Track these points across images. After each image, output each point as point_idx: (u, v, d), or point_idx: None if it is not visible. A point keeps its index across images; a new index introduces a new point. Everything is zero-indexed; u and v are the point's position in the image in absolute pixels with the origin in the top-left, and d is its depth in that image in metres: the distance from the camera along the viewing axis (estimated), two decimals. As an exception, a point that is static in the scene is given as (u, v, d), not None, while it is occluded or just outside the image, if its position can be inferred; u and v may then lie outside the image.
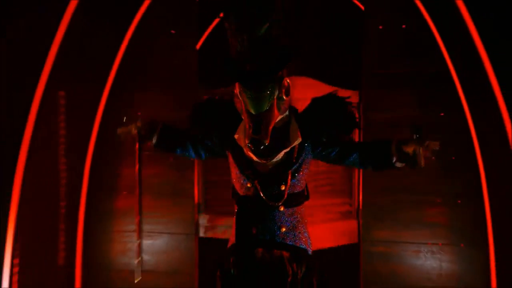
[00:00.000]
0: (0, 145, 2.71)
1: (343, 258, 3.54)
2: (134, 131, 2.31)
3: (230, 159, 2.27)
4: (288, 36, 2.03)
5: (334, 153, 2.21)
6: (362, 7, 3.50)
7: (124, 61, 3.42)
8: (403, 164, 2.03)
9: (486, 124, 3.09)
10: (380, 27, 3.37)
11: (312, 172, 2.36)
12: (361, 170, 3.59)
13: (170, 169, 3.46)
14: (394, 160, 2.04)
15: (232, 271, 2.24)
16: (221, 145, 2.28)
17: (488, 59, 2.79)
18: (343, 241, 3.45)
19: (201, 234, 3.53)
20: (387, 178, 3.43)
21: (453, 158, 3.27)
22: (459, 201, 3.28)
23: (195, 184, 3.60)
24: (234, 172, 2.27)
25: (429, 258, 3.33)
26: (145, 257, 3.49)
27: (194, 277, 3.47)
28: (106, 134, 3.51)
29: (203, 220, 3.53)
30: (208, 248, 3.51)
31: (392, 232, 3.37)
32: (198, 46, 3.68)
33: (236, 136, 2.16)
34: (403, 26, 3.27)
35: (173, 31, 3.50)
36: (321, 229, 3.43)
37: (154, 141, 2.29)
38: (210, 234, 3.54)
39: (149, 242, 3.51)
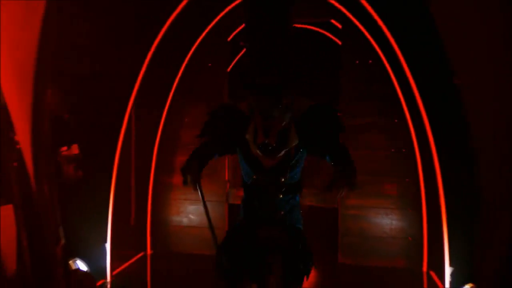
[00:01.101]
0: (108, 138, 3.77)
1: (325, 218, 4.57)
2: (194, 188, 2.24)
3: (240, 155, 2.35)
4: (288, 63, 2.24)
5: (327, 158, 2.29)
6: (340, 42, 4.46)
7: (179, 85, 4.45)
8: None
9: (420, 127, 3.88)
10: (357, 61, 4.27)
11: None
12: None
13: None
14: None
15: (236, 246, 2.28)
16: (232, 143, 2.35)
17: (416, 86, 3.68)
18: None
19: (230, 201, 4.46)
20: (358, 165, 4.29)
21: (404, 150, 4.17)
22: (407, 180, 4.18)
23: (225, 168, 4.54)
24: (243, 165, 2.36)
25: (385, 218, 4.24)
26: (192, 217, 4.56)
27: (224, 230, 4.44)
28: (167, 132, 4.49)
29: (230, 191, 4.48)
30: (233, 211, 4.31)
31: (361, 200, 4.26)
32: (228, 69, 4.68)
33: (247, 136, 2.24)
34: (370, 61, 4.18)
35: (210, 64, 4.50)
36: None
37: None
38: (234, 201, 4.37)
39: (195, 207, 4.51)
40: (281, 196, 2.32)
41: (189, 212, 4.54)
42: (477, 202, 2.93)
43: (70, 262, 3.39)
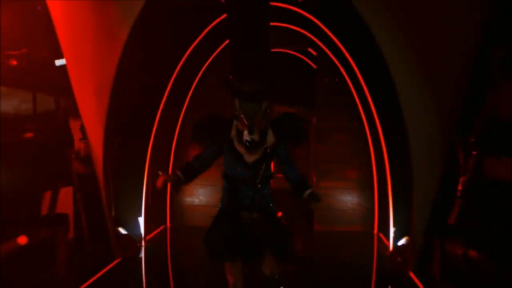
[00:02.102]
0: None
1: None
2: (167, 181, 2.48)
3: (226, 150, 2.47)
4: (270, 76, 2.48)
5: (282, 160, 2.53)
6: (315, 67, 5.34)
7: (192, 95, 5.23)
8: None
9: (374, 129, 4.66)
10: (326, 79, 5.16)
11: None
12: (315, 153, 5.15)
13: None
14: (303, 195, 2.50)
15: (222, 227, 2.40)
16: (220, 143, 2.47)
17: (370, 98, 4.50)
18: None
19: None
20: (328, 157, 5.10)
21: (360, 145, 5.02)
22: (363, 167, 5.04)
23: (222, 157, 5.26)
24: (228, 159, 2.49)
25: (347, 196, 5.08)
26: (202, 198, 5.33)
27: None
28: (183, 131, 5.18)
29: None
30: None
31: (329, 183, 5.06)
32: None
33: (232, 134, 2.40)
34: (336, 79, 5.06)
35: (212, 80, 5.21)
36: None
37: (185, 182, 2.50)
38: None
39: (204, 190, 5.26)
40: (258, 185, 2.46)
41: (200, 194, 5.31)
42: (411, 183, 3.50)
43: (118, 228, 4.19)
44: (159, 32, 3.92)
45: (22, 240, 3.44)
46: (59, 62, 3.65)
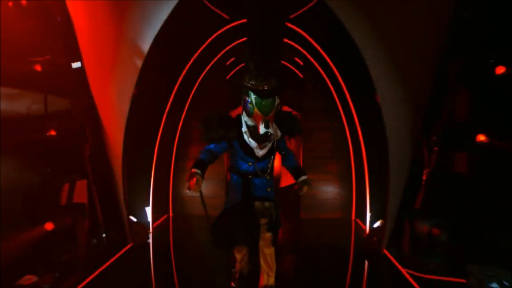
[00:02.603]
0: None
1: (291, 189, 5.82)
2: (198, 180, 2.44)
3: (235, 147, 2.55)
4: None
5: (282, 153, 2.71)
6: (302, 76, 5.76)
7: (193, 97, 5.52)
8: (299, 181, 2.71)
9: (352, 128, 5.06)
10: (309, 85, 5.57)
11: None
12: (303, 149, 5.51)
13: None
14: (297, 180, 2.72)
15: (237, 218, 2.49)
16: (230, 139, 2.54)
17: (350, 101, 4.92)
18: (292, 181, 5.76)
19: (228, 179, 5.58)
20: (313, 153, 5.47)
21: (341, 144, 5.43)
22: (342, 162, 5.44)
23: (224, 160, 5.53)
24: (238, 154, 2.56)
25: (329, 187, 5.47)
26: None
27: (223, 199, 5.39)
28: (184, 130, 5.47)
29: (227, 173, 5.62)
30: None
31: (314, 176, 5.37)
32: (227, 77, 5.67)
33: (244, 130, 2.50)
34: (319, 85, 5.44)
35: (209, 84, 5.50)
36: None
37: (203, 177, 2.52)
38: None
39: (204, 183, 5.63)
40: (268, 177, 2.62)
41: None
42: (386, 177, 3.81)
43: (130, 217, 4.50)
44: (175, 42, 4.23)
45: (49, 226, 3.75)
46: (75, 65, 3.93)
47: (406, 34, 3.32)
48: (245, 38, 4.70)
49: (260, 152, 2.55)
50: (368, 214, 4.79)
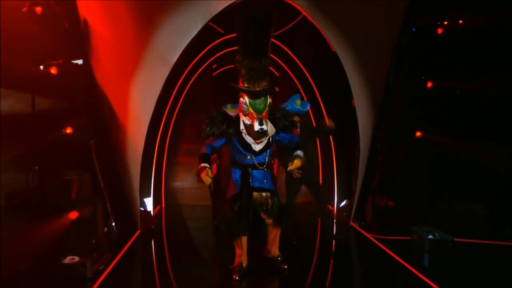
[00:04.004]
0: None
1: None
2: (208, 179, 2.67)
3: (234, 142, 2.79)
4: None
5: (286, 140, 2.88)
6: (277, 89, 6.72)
7: (185, 98, 6.07)
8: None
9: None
10: (277, 89, 6.32)
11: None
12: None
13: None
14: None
15: (237, 206, 2.70)
16: (229, 135, 2.77)
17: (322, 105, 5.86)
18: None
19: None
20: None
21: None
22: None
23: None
24: (237, 150, 2.77)
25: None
26: (189, 181, 6.21)
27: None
28: (175, 128, 5.94)
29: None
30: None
31: None
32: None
33: (241, 128, 2.71)
34: (289, 90, 6.18)
35: (195, 87, 6.17)
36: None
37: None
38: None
39: (191, 175, 5.73)
40: (265, 169, 2.86)
41: (187, 179, 6.22)
42: (354, 166, 4.71)
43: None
44: (196, 54, 4.89)
45: (74, 215, 4.27)
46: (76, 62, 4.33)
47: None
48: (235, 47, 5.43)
49: (257, 147, 2.81)
50: (336, 196, 5.73)
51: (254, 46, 2.61)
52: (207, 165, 2.72)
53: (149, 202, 5.36)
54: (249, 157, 2.79)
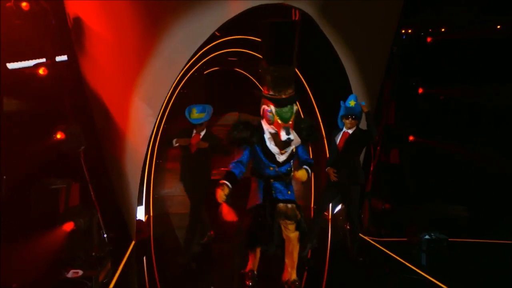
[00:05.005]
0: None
1: None
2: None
3: (257, 152, 2.70)
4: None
5: (303, 158, 2.79)
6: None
7: (177, 97, 5.93)
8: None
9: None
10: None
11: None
12: None
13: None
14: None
15: (260, 219, 2.60)
16: (252, 145, 2.66)
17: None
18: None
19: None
20: None
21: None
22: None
23: None
24: (261, 159, 2.68)
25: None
26: (178, 189, 5.97)
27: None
28: (163, 134, 5.73)
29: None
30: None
31: None
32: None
33: (267, 137, 2.64)
34: None
35: (184, 91, 6.09)
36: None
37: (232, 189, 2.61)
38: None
39: (180, 184, 6.05)
40: (288, 180, 2.79)
41: (177, 187, 5.87)
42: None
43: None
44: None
45: (69, 226, 3.98)
46: (59, 58, 4.06)
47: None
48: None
49: (281, 158, 2.75)
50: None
51: (280, 52, 2.54)
52: (227, 182, 2.63)
53: (141, 211, 5.16)
54: (271, 167, 2.73)
